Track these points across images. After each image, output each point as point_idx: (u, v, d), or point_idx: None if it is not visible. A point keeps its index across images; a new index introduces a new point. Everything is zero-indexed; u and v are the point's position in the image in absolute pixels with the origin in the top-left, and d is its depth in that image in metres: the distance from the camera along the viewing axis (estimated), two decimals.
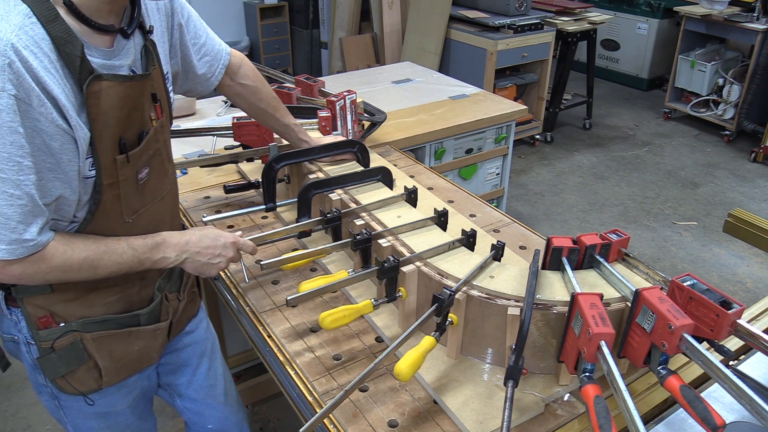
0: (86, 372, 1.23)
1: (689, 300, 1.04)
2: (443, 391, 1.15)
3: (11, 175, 0.95)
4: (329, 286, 1.28)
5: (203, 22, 1.43)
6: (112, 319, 1.23)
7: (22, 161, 0.95)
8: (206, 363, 1.54)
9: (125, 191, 1.14)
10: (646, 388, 1.20)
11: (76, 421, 1.32)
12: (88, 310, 1.20)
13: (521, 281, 1.21)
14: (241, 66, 1.55)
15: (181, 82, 1.43)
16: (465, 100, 2.86)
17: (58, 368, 1.20)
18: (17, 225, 0.98)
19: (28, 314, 1.16)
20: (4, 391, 2.62)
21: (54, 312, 1.17)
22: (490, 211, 1.86)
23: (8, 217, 0.97)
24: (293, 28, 6.34)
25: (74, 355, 1.20)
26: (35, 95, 0.94)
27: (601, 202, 4.28)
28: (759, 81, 4.81)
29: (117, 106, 1.06)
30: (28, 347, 1.21)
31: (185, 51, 1.37)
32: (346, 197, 1.56)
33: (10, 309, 1.19)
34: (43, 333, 1.17)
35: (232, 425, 1.62)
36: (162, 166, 1.25)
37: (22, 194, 0.97)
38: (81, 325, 1.19)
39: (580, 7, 5.00)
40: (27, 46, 0.92)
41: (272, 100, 1.63)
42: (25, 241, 1.00)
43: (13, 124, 0.93)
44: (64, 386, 1.23)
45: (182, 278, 1.40)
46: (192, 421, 1.58)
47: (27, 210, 0.98)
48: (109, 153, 1.07)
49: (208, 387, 1.55)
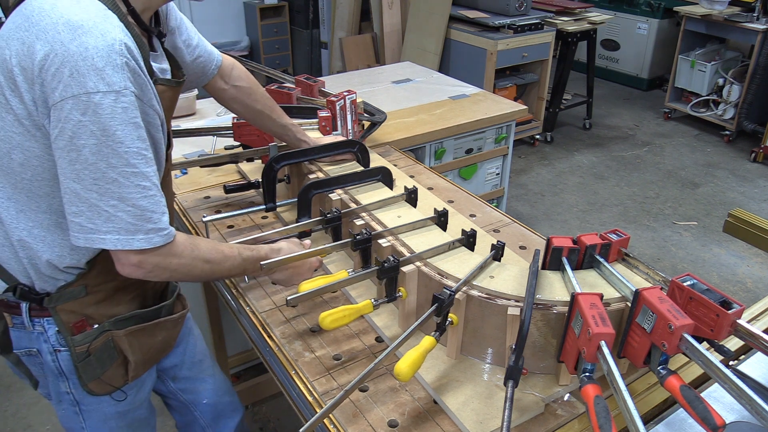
0: (115, 369, 1.25)
1: (689, 300, 1.04)
2: (443, 391, 1.15)
3: (142, 168, 1.01)
4: (329, 286, 1.28)
5: (194, 28, 1.46)
6: (140, 315, 1.26)
7: (147, 154, 1.02)
8: (192, 339, 1.57)
9: (166, 185, 1.20)
10: (646, 388, 1.20)
11: (95, 425, 1.33)
12: (116, 309, 1.23)
13: (521, 281, 1.21)
14: (234, 68, 1.57)
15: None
16: (465, 100, 2.86)
17: (96, 370, 1.22)
18: (151, 215, 1.03)
19: (61, 322, 1.17)
20: (4, 391, 2.62)
21: (88, 315, 1.19)
22: (490, 211, 1.86)
23: (144, 209, 1.02)
24: (293, 28, 6.34)
25: (107, 354, 1.22)
26: (147, 90, 1.02)
27: (601, 202, 4.29)
28: (759, 81, 4.81)
29: (168, 108, 1.15)
30: (54, 356, 1.21)
31: (179, 54, 1.39)
32: (346, 197, 1.56)
33: (33, 321, 1.19)
34: (79, 337, 1.18)
35: (223, 393, 1.65)
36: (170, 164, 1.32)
37: (151, 185, 1.03)
38: (113, 324, 1.21)
39: (580, 7, 5.00)
40: (131, 46, 0.99)
41: (267, 101, 1.64)
42: (160, 230, 1.05)
43: (137, 120, 0.99)
44: (95, 388, 1.24)
45: None
46: (188, 401, 1.59)
47: (157, 200, 1.04)
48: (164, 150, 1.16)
49: (198, 362, 1.58)
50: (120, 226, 1.01)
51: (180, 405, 1.60)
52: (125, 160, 0.98)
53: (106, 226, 1.01)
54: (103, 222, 1.00)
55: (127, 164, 0.98)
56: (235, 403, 1.69)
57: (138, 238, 1.03)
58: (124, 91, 0.96)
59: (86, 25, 0.94)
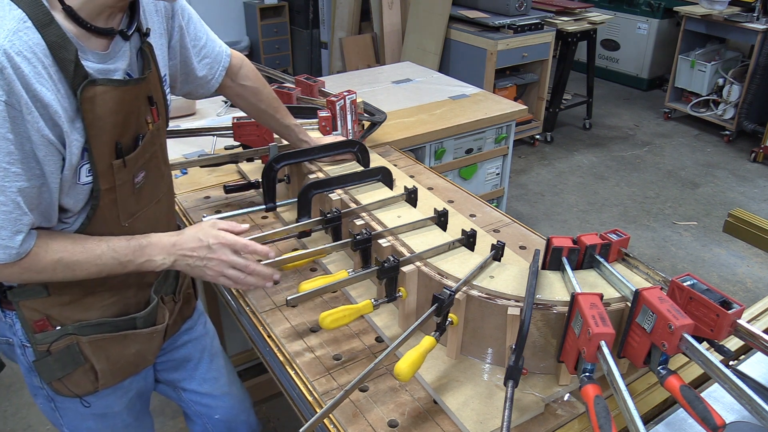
0: (83, 375, 1.22)
1: (689, 300, 1.04)
2: (443, 391, 1.15)
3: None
4: (329, 286, 1.28)
5: (204, 23, 1.42)
6: (109, 323, 1.22)
7: (9, 168, 0.95)
8: (207, 357, 1.55)
9: (122, 195, 1.13)
10: (646, 388, 1.20)
11: (73, 423, 1.31)
12: (84, 314, 1.20)
13: (521, 281, 1.21)
14: (242, 67, 1.54)
15: (180, 85, 1.42)
16: (465, 100, 2.86)
17: (54, 371, 1.19)
18: (0, 231, 0.98)
19: (24, 317, 1.15)
20: (4, 391, 2.62)
21: (50, 315, 1.17)
22: (490, 211, 1.86)
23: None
24: (293, 28, 6.34)
25: (70, 358, 1.19)
26: (24, 102, 0.93)
27: (601, 202, 4.28)
28: (759, 81, 4.81)
29: (113, 110, 1.05)
30: (23, 350, 1.21)
31: (185, 53, 1.36)
32: (346, 197, 1.56)
33: (4, 312, 1.19)
34: (39, 336, 1.16)
35: (239, 412, 1.62)
36: (158, 170, 1.24)
37: (6, 201, 0.97)
38: (77, 329, 1.18)
39: (580, 7, 5.00)
40: (20, 51, 0.91)
41: (273, 101, 1.63)
42: (7, 248, 1.00)
43: (2, 130, 0.92)
44: (60, 389, 1.23)
45: (178, 280, 1.40)
46: (199, 413, 1.57)
47: (12, 217, 0.98)
48: (105, 158, 1.07)
49: (212, 380, 1.55)
50: None
51: (193, 414, 1.59)
52: None
53: None
54: None
55: None
56: (251, 422, 1.66)
57: None
58: None
59: None
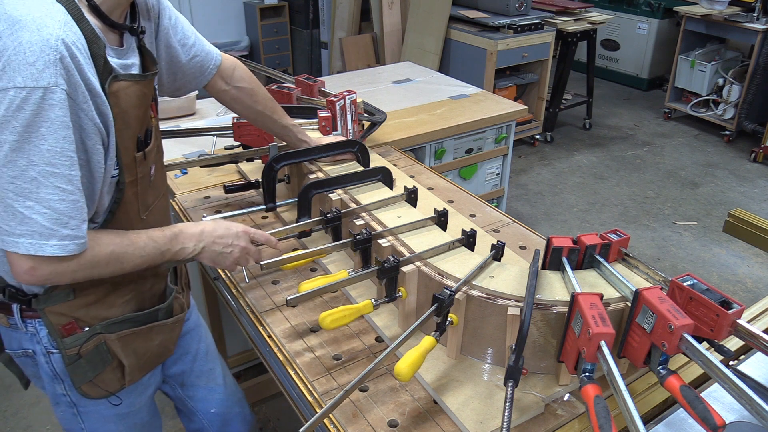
0: (110, 373, 1.23)
1: (689, 300, 1.04)
2: (443, 391, 1.15)
3: (64, 170, 0.96)
4: (329, 286, 1.28)
5: (192, 27, 1.44)
6: (133, 318, 1.24)
7: (73, 156, 0.97)
8: (203, 347, 1.56)
9: (142, 188, 1.17)
10: (646, 388, 1.20)
11: (94, 426, 1.32)
12: (108, 311, 1.21)
13: (521, 281, 1.21)
14: (236, 69, 1.56)
15: (168, 84, 1.44)
16: (465, 100, 2.86)
17: (86, 373, 1.20)
18: (69, 221, 0.98)
19: (51, 324, 1.16)
20: (4, 391, 2.62)
21: (78, 317, 1.17)
22: (490, 211, 1.86)
23: (61, 213, 0.97)
24: (293, 28, 6.34)
25: (99, 357, 1.20)
26: (81, 91, 0.96)
27: (601, 202, 4.28)
28: (759, 81, 4.81)
29: (135, 104, 1.10)
30: (47, 357, 1.20)
31: (173, 52, 1.37)
32: (346, 197, 1.56)
33: (25, 322, 1.18)
34: (69, 340, 1.17)
35: (233, 404, 1.64)
36: (161, 163, 1.29)
37: (74, 189, 0.98)
38: (104, 327, 1.20)
39: (580, 7, 5.00)
40: (74, 42, 0.95)
41: (269, 102, 1.63)
42: (76, 238, 1.00)
43: (66, 119, 0.94)
44: (89, 391, 1.23)
45: (176, 272, 1.42)
46: (195, 408, 1.58)
47: (79, 206, 0.99)
48: (130, 151, 1.11)
49: (208, 371, 1.57)
50: (34, 229, 0.96)
51: (188, 411, 1.59)
52: (47, 159, 0.93)
53: (20, 228, 0.95)
54: (17, 224, 0.95)
55: (48, 163, 0.94)
56: (245, 414, 1.67)
57: (51, 244, 0.97)
58: (53, 87, 0.92)
59: (24, 19, 0.92)
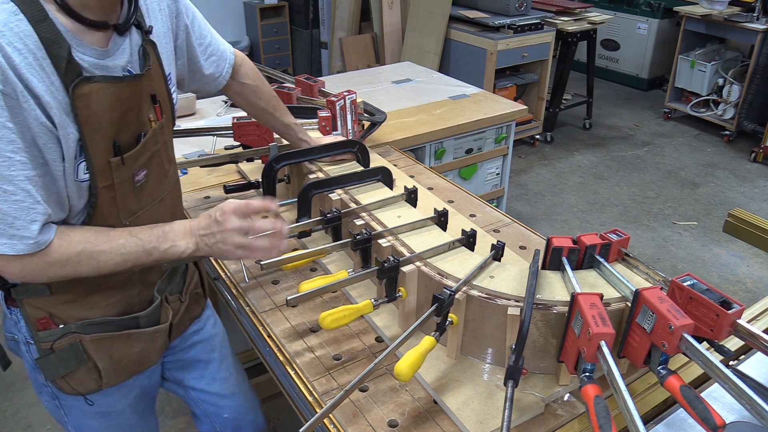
0: (86, 373, 1.22)
1: (689, 300, 1.04)
2: (443, 391, 1.15)
3: (2, 170, 0.94)
4: (329, 286, 1.28)
5: (207, 22, 1.42)
6: (111, 321, 1.22)
7: (13, 156, 0.94)
8: (217, 358, 1.55)
9: (121, 193, 1.12)
10: (646, 388, 1.20)
11: (77, 421, 1.32)
12: (87, 312, 1.20)
13: (521, 281, 1.21)
14: (242, 65, 1.55)
15: (188, 83, 1.43)
16: (465, 100, 2.86)
17: (58, 369, 1.20)
18: (14, 221, 0.98)
19: (27, 315, 1.16)
20: (4, 391, 2.62)
21: (53, 313, 1.17)
22: (490, 211, 1.86)
23: (5, 213, 0.96)
24: (293, 28, 6.34)
25: (73, 356, 1.19)
26: (19, 91, 0.93)
27: (601, 202, 4.28)
28: (759, 81, 4.81)
29: (109, 107, 1.05)
30: (27, 347, 1.21)
31: (192, 52, 1.37)
32: (346, 197, 1.56)
33: (10, 309, 1.19)
34: (43, 334, 1.17)
35: (247, 411, 1.63)
36: (161, 168, 1.23)
37: (16, 190, 0.96)
38: (80, 327, 1.18)
39: (580, 7, 5.00)
40: (10, 42, 0.92)
41: (272, 100, 1.63)
42: (24, 238, 0.99)
43: (1, 119, 0.92)
44: (64, 386, 1.23)
45: (185, 280, 1.40)
46: (207, 411, 1.58)
47: (24, 206, 0.98)
48: (102, 155, 1.06)
49: (222, 380, 1.56)
50: None
51: (201, 413, 1.59)
52: None
53: None
54: None
55: None
56: (258, 422, 1.67)
57: (1, 243, 0.98)
58: None
59: None
